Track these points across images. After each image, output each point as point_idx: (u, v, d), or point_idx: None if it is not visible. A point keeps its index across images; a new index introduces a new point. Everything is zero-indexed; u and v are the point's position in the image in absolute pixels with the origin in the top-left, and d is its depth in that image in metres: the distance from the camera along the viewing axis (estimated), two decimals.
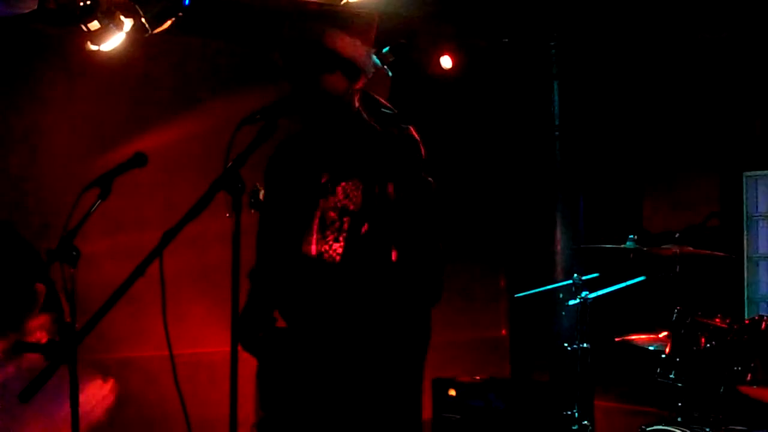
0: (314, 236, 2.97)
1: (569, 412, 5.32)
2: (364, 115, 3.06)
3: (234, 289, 2.53)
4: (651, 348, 5.00)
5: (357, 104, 3.06)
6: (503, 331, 7.76)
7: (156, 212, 5.79)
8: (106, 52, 5.11)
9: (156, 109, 6.14)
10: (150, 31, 5.01)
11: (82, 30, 4.95)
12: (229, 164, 2.59)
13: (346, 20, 3.00)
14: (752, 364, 4.43)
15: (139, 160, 3.23)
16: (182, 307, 6.04)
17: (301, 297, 2.99)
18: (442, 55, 6.71)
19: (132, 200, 5.58)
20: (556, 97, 6.50)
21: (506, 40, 6.36)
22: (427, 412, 6.37)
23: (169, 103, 6.20)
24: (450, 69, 6.76)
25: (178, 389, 2.69)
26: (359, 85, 3.05)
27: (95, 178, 3.18)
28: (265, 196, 3.02)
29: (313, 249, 2.96)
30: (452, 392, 6.30)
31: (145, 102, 6.13)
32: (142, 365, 5.84)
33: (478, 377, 6.32)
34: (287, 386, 2.99)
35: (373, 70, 3.05)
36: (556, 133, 6.50)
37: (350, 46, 2.96)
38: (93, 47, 5.03)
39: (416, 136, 3.06)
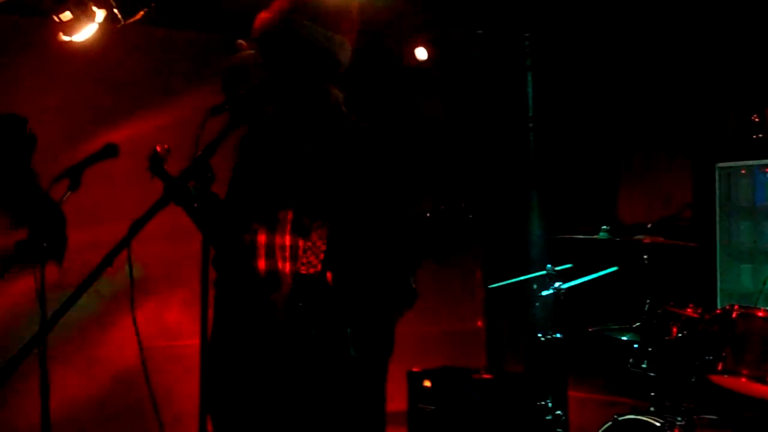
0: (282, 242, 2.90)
1: (543, 403, 5.34)
2: (343, 109, 3.01)
3: (203, 282, 2.53)
4: (624, 338, 5.03)
5: (334, 98, 3.00)
6: (479, 323, 7.79)
7: (132, 203, 5.76)
8: (78, 43, 5.08)
9: (130, 99, 6.12)
10: (122, 22, 4.99)
11: (54, 21, 4.92)
12: (198, 154, 2.58)
13: (321, 10, 2.94)
14: (723, 354, 4.45)
15: (109, 151, 3.21)
16: (158, 299, 6.04)
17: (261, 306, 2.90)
18: (417, 46, 6.73)
19: (107, 191, 5.56)
20: (530, 88, 6.52)
21: (480, 31, 6.37)
22: (402, 404, 6.38)
23: (143, 94, 6.18)
24: (425, 60, 6.78)
25: (148, 383, 2.68)
26: (335, 77, 2.99)
27: (65, 169, 3.15)
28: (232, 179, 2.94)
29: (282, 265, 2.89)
30: (427, 383, 6.32)
31: (119, 93, 6.11)
32: (118, 358, 5.82)
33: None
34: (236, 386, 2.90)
35: (349, 61, 3.00)
36: (530, 124, 6.52)
37: (324, 37, 2.91)
38: (65, 38, 5.00)
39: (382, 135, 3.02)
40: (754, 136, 6.46)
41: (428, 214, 2.95)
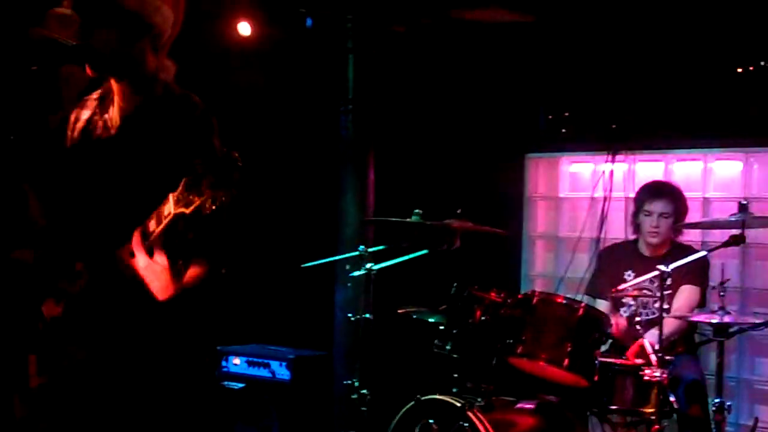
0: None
1: (349, 382, 5.39)
2: (162, 77, 2.91)
3: None
4: (431, 320, 5.14)
5: (153, 67, 2.88)
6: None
7: None
8: None
9: None
10: None
11: None
12: None
13: None
14: (523, 338, 4.60)
15: None
16: None
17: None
18: (240, 21, 6.63)
19: None
20: (351, 71, 6.54)
21: (303, 10, 6.34)
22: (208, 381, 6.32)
23: None
24: (247, 36, 6.69)
25: None
26: (153, 44, 2.88)
27: None
28: None
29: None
30: (236, 361, 6.29)
31: None
32: None
33: None
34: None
35: (170, 29, 2.90)
36: (350, 106, 6.54)
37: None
38: None
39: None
40: (563, 130, 6.72)
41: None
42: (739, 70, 5.85)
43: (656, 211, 5.26)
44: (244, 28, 6.65)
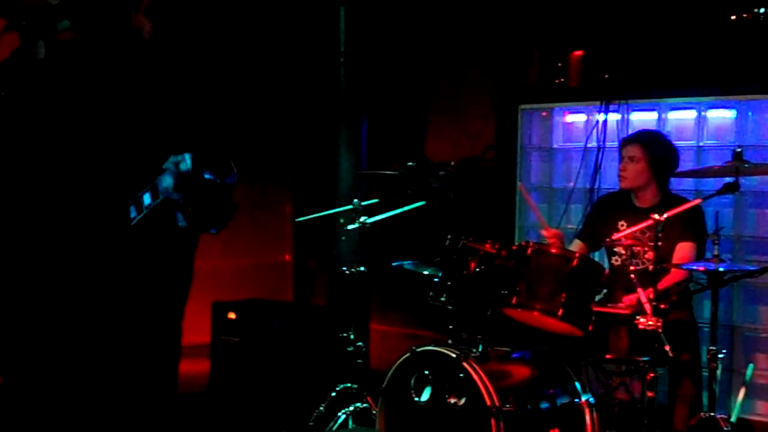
0: None
1: (345, 334, 5.42)
2: (145, 37, 2.89)
3: None
4: (425, 272, 5.14)
5: (135, 25, 2.87)
6: (287, 256, 7.81)
7: None
8: None
9: None
10: None
11: None
12: None
13: None
14: (517, 288, 4.61)
15: None
16: None
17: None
18: None
19: None
20: (343, 23, 6.49)
21: None
22: (206, 336, 6.35)
23: None
24: None
25: None
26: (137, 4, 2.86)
27: None
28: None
29: None
30: (232, 315, 6.30)
31: None
32: None
33: None
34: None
35: None
36: (342, 58, 6.50)
37: None
38: None
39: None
40: (556, 81, 6.69)
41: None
42: (734, 17, 5.81)
43: (625, 155, 5.26)
44: None
